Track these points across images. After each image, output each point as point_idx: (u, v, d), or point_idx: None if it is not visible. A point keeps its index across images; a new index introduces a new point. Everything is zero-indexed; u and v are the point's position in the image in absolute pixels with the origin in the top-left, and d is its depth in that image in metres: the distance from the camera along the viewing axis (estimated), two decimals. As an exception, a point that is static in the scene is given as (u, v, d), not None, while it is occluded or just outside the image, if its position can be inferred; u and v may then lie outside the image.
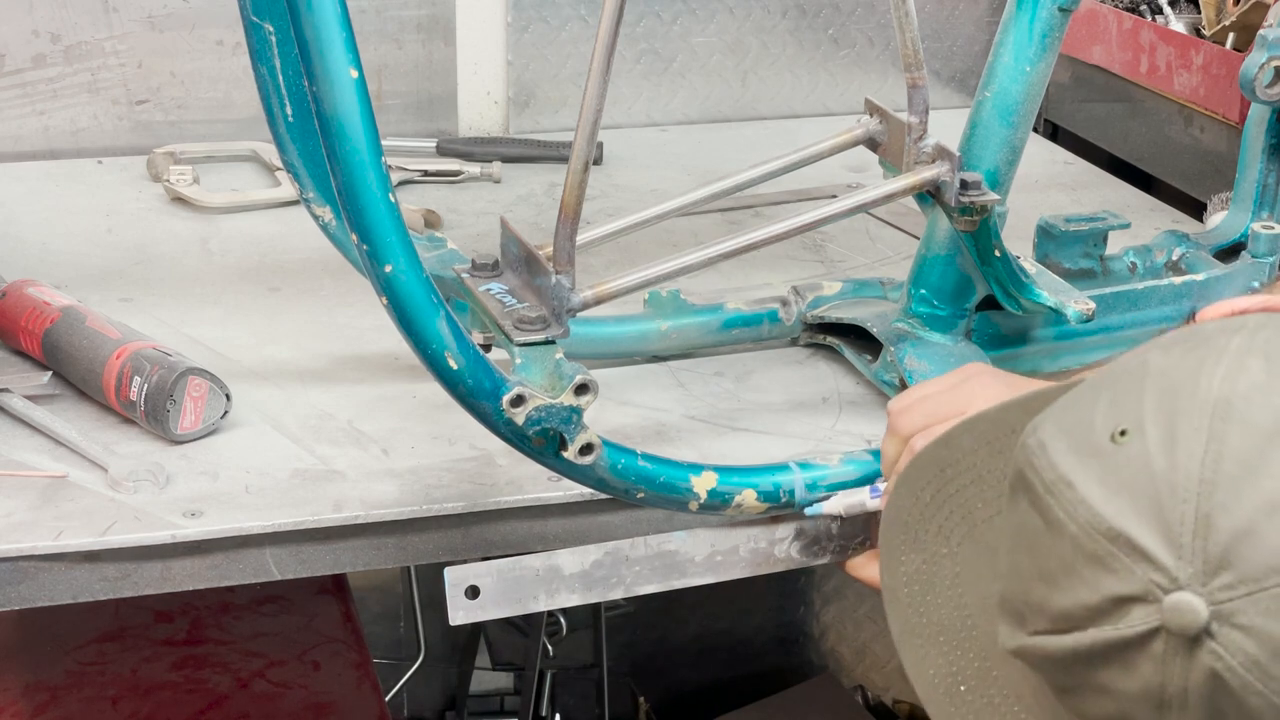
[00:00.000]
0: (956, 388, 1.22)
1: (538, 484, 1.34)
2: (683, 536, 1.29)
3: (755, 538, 1.30)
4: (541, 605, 1.27)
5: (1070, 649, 0.84)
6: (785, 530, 1.31)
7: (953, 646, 1.00)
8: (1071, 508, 0.83)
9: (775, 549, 1.31)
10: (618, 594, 1.29)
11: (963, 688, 0.99)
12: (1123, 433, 0.83)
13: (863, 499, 1.29)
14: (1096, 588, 0.82)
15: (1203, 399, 0.82)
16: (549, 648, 2.41)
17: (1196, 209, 2.03)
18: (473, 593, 1.24)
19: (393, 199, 1.11)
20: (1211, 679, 0.80)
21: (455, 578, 1.24)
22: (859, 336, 1.56)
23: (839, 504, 1.30)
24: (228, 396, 1.40)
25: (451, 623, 1.24)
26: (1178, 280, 1.61)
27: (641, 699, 2.54)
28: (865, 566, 1.31)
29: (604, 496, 1.28)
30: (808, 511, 1.30)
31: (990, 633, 0.94)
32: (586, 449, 1.22)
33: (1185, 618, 0.79)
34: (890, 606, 1.05)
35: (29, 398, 1.42)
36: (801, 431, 1.47)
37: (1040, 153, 2.28)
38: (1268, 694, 0.79)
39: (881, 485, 1.28)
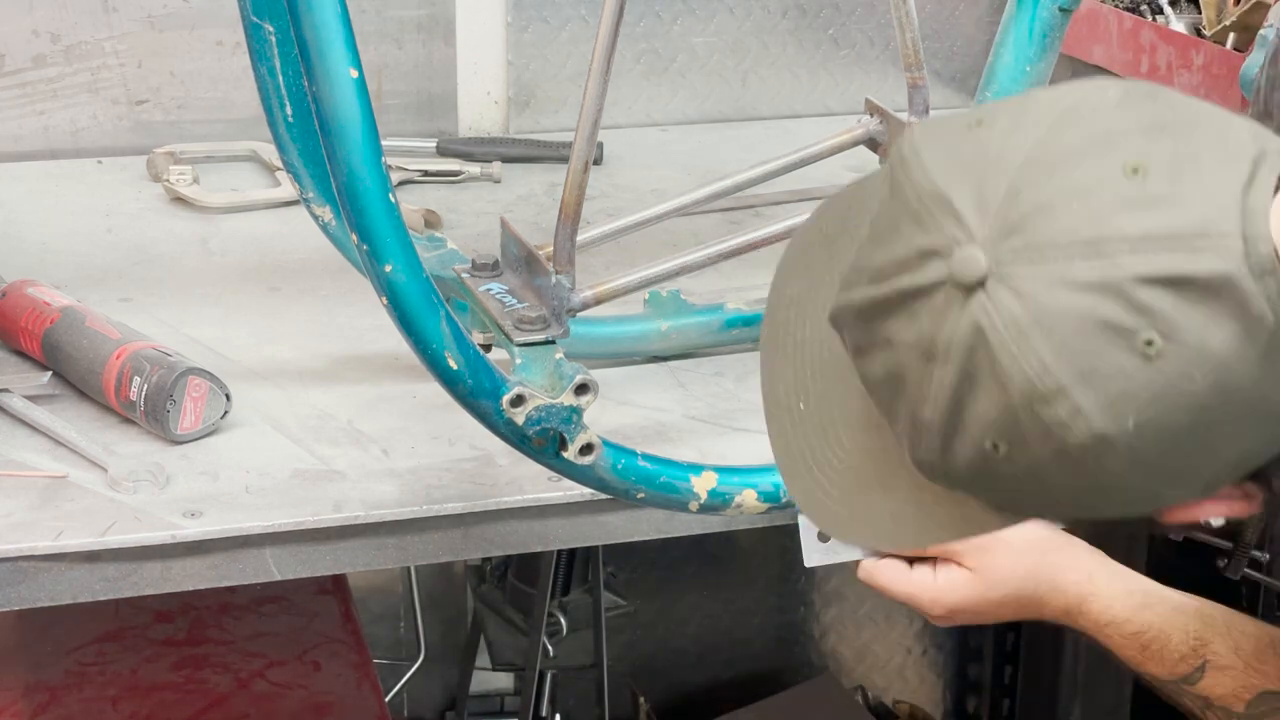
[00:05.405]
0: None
1: (538, 484, 1.34)
2: None
3: None
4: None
5: (870, 298, 0.88)
6: None
7: (804, 363, 1.03)
8: (912, 174, 0.88)
9: None
10: None
11: (801, 405, 1.02)
12: (979, 123, 0.88)
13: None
14: (910, 242, 0.86)
15: (1054, 104, 0.87)
16: (549, 648, 2.41)
17: (1196, 209, 2.03)
18: (824, 536, 1.21)
19: (393, 199, 1.11)
20: (975, 332, 0.83)
21: (808, 520, 1.19)
22: (859, 336, 1.55)
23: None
24: (228, 396, 1.40)
25: (806, 565, 1.23)
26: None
27: (641, 699, 2.54)
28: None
29: (604, 496, 1.28)
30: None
31: (838, 351, 0.96)
32: (586, 449, 1.22)
33: (967, 267, 0.83)
34: (765, 324, 1.07)
35: (29, 398, 1.43)
36: (801, 431, 1.46)
37: (1040, 153, 2.27)
38: (1018, 357, 0.82)
39: None
